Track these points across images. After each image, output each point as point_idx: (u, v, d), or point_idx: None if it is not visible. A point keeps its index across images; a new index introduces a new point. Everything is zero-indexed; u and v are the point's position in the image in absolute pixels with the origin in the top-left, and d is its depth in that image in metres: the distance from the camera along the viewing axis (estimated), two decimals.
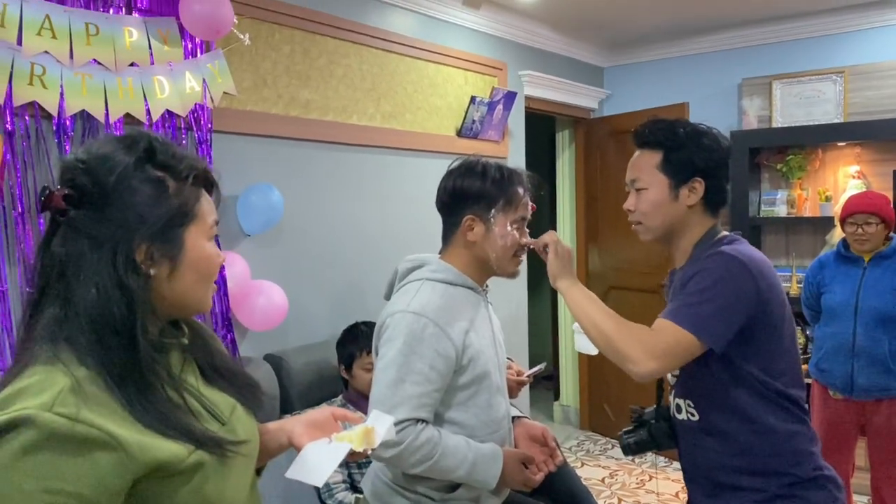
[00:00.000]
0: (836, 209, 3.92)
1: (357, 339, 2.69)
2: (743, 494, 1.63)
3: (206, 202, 1.08)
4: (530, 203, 1.82)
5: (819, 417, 3.11)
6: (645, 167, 1.71)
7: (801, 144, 4.40)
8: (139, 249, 0.99)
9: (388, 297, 1.86)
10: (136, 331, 0.97)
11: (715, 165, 1.68)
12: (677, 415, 1.76)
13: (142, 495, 0.94)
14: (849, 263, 3.05)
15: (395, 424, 1.52)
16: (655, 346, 1.52)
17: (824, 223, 4.25)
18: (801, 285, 3.83)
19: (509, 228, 1.76)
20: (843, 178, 4.34)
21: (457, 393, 1.72)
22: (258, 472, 1.24)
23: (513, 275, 1.83)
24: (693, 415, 1.69)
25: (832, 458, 3.01)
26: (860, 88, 4.28)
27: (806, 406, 1.66)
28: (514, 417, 1.92)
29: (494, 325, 1.89)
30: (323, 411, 1.29)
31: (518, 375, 2.81)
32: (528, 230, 1.84)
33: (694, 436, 1.71)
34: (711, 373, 1.62)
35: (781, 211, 4.43)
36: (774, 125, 4.52)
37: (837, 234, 3.62)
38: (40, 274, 1.00)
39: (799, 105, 4.47)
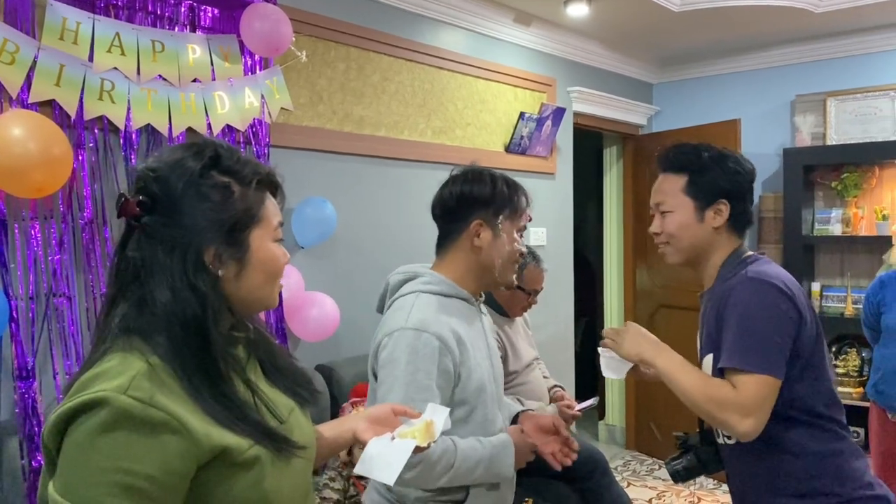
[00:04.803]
0: (893, 228, 3.83)
1: None
2: None
3: (271, 205, 1.14)
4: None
5: (877, 440, 3.02)
6: (670, 191, 1.75)
7: (857, 162, 4.32)
8: (208, 252, 1.04)
9: (380, 309, 1.83)
10: (208, 327, 1.02)
11: (740, 188, 1.71)
12: (717, 438, 1.76)
13: (204, 483, 0.98)
14: None
15: None
16: (743, 403, 1.51)
17: (881, 242, 4.13)
18: (857, 306, 3.75)
19: (516, 235, 1.76)
20: None
21: (454, 409, 1.65)
22: (316, 472, 1.26)
23: (510, 285, 1.81)
24: (729, 437, 1.69)
25: (891, 480, 2.94)
26: None
27: (844, 421, 1.65)
28: (518, 413, 1.87)
29: (489, 336, 1.84)
30: (383, 407, 1.33)
31: (569, 409, 2.80)
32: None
33: (734, 459, 1.71)
34: None
35: (836, 230, 4.34)
36: (829, 142, 4.44)
37: (895, 254, 3.53)
38: (116, 276, 1.06)
39: (854, 122, 4.39)
